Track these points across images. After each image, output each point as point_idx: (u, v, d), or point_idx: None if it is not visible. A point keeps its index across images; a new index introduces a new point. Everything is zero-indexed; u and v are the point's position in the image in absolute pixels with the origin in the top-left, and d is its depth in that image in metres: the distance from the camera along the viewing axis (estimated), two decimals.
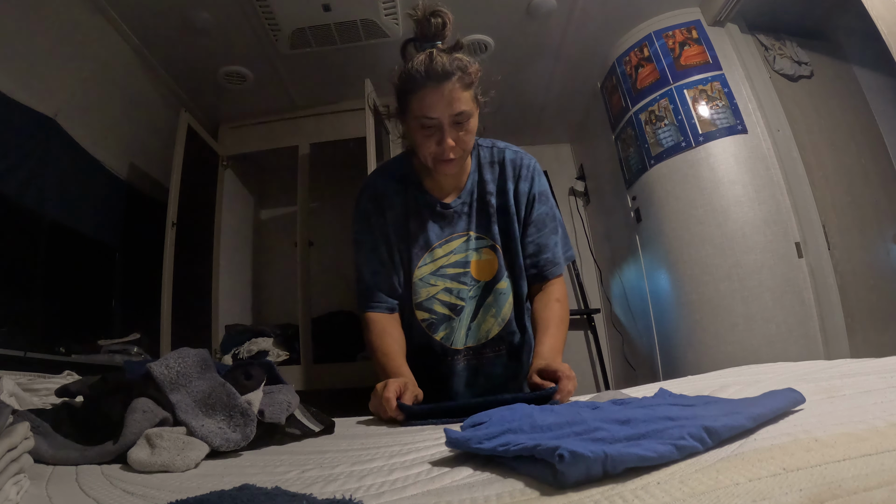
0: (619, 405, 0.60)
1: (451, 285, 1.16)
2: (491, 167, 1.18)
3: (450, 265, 1.16)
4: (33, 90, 2.05)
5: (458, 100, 0.99)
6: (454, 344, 1.18)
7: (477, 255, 1.17)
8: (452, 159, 1.04)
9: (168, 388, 0.70)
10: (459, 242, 1.16)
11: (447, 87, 0.98)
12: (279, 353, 2.88)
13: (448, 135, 1.01)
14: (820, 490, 0.32)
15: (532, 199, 1.17)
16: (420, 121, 1.01)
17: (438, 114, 0.99)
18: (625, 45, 2.77)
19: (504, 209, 1.16)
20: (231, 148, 3.26)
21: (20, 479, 0.51)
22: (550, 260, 1.18)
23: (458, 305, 1.16)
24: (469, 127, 1.03)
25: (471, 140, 1.06)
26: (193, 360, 0.74)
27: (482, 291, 1.18)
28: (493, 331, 1.19)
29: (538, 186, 1.18)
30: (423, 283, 1.16)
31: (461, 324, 1.17)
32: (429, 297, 1.16)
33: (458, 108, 0.99)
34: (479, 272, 1.17)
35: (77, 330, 2.22)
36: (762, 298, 2.18)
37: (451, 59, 0.99)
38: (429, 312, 1.17)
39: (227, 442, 0.66)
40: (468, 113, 1.01)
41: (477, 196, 1.17)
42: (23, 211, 1.99)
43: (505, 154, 1.18)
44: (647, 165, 2.62)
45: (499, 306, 1.18)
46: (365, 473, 0.51)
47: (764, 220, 2.25)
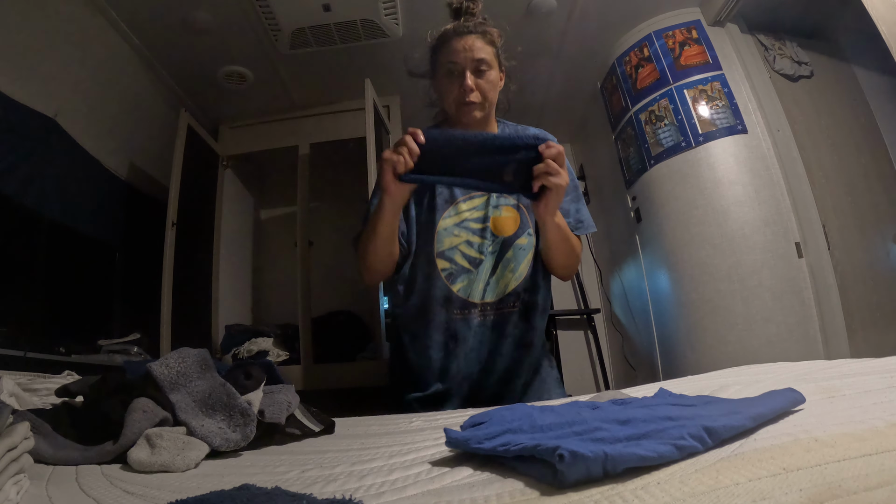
0: (619, 405, 0.60)
1: (472, 238, 1.20)
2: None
3: (473, 219, 1.21)
4: (33, 90, 2.05)
5: (479, 49, 1.15)
6: (472, 297, 1.19)
7: (498, 212, 1.21)
8: (474, 103, 1.15)
9: (168, 387, 0.70)
10: (481, 200, 1.22)
11: (470, 38, 1.16)
12: (279, 353, 2.88)
13: (470, 79, 1.14)
14: (820, 490, 0.32)
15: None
16: (446, 67, 1.16)
17: (460, 58, 1.14)
18: (625, 44, 2.77)
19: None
20: (231, 148, 3.26)
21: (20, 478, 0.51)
22: (577, 221, 1.24)
23: (478, 259, 1.20)
24: (489, 77, 1.16)
25: (491, 91, 1.17)
26: (193, 360, 0.74)
27: (501, 247, 1.21)
28: (511, 286, 1.21)
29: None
30: (447, 232, 1.20)
31: (479, 277, 1.19)
32: (452, 246, 1.20)
33: (479, 55, 1.14)
34: (499, 228, 1.21)
35: (77, 330, 2.22)
36: (762, 298, 2.18)
37: (476, 24, 1.18)
38: (450, 262, 1.20)
39: (227, 442, 0.66)
40: (488, 62, 1.15)
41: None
42: (23, 211, 1.99)
43: (529, 130, 1.29)
44: (647, 165, 2.62)
45: (517, 262, 1.21)
46: (365, 473, 0.51)
47: (764, 220, 2.25)
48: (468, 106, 1.15)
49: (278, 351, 2.88)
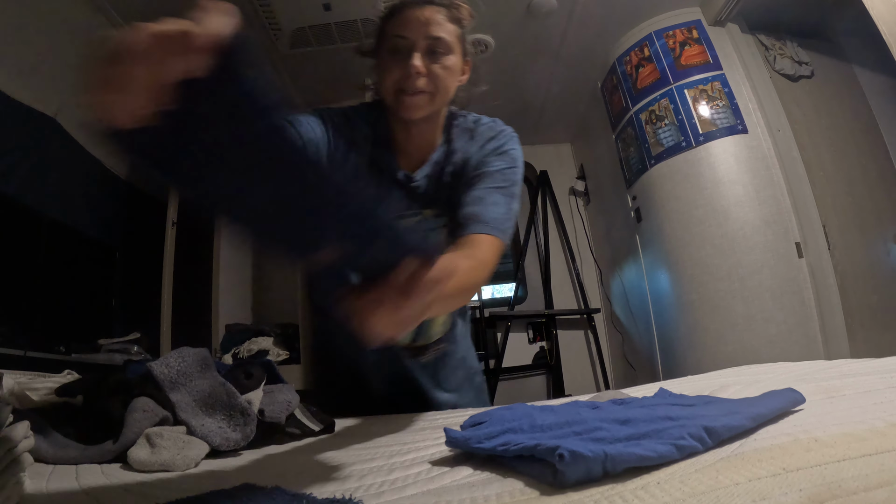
0: (619, 405, 0.60)
1: None
2: (463, 135, 0.98)
3: None
4: (34, 89, 2.05)
5: (438, 24, 0.86)
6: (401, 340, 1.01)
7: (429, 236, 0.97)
8: (418, 91, 0.85)
9: (168, 387, 0.70)
10: (413, 222, 0.97)
11: (428, 10, 0.86)
12: (279, 353, 2.87)
13: (417, 57, 0.84)
14: (820, 490, 0.32)
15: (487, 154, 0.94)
16: (392, 41, 0.87)
17: (412, 32, 0.85)
18: (625, 44, 2.77)
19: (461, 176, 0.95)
20: None
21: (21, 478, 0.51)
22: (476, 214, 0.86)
23: None
24: (447, 63, 0.87)
25: (446, 79, 0.88)
26: (193, 359, 0.74)
27: None
28: (447, 324, 1.05)
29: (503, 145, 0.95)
30: None
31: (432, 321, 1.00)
32: None
33: (437, 32, 0.85)
34: None
35: (77, 329, 2.21)
36: (762, 298, 2.18)
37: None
38: None
39: (227, 441, 0.66)
40: (447, 43, 0.86)
41: (442, 170, 0.97)
42: (23, 210, 1.99)
43: (481, 121, 1.00)
44: (648, 165, 2.62)
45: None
46: (365, 473, 0.51)
47: (764, 220, 2.25)
48: (411, 97, 0.86)
49: (278, 350, 2.88)
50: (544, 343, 3.57)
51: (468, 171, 0.94)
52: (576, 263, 3.66)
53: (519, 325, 3.57)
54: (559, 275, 3.72)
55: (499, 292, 3.86)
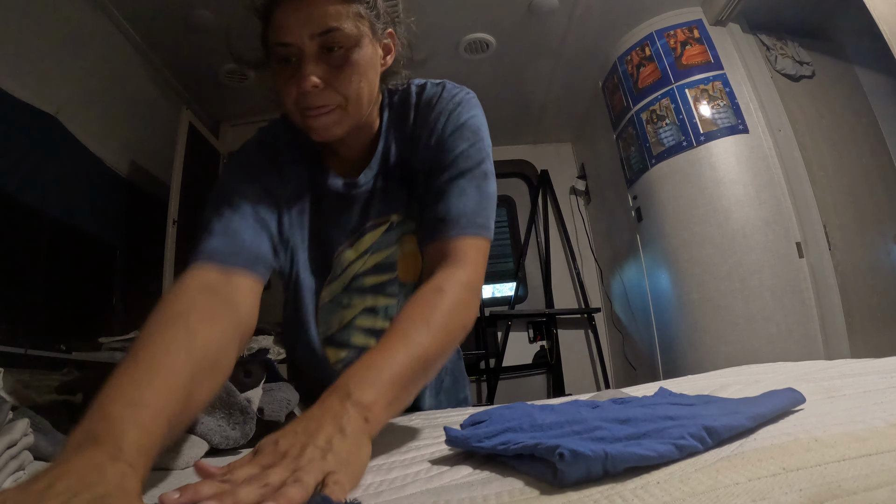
0: (619, 404, 0.60)
1: (372, 303, 0.82)
2: (403, 112, 0.80)
3: (368, 271, 0.81)
4: (34, 88, 2.05)
5: (325, 14, 0.65)
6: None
7: (400, 249, 0.82)
8: (321, 109, 0.69)
9: None
10: (379, 234, 0.80)
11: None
12: (279, 351, 2.87)
13: (311, 66, 0.66)
14: (820, 490, 0.32)
15: (446, 136, 0.76)
16: (277, 51, 0.68)
17: (295, 36, 0.66)
18: (626, 44, 2.76)
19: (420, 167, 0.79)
20: (232, 146, 3.25)
21: (20, 475, 0.51)
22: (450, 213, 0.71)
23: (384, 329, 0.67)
24: (352, 59, 0.68)
25: (358, 79, 0.69)
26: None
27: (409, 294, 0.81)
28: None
29: (458, 119, 0.77)
30: (334, 306, 0.82)
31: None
32: (342, 326, 0.82)
33: (326, 23, 0.65)
34: (406, 272, 0.82)
35: (78, 327, 2.22)
36: (763, 298, 2.18)
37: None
38: (345, 348, 0.83)
39: (226, 440, 0.66)
40: (344, 34, 0.66)
41: (395, 163, 0.80)
42: (24, 208, 1.99)
43: (424, 90, 0.80)
44: (649, 165, 2.62)
45: None
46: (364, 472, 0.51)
47: (765, 220, 2.25)
48: (315, 114, 0.69)
49: (278, 349, 2.88)
50: (544, 342, 3.57)
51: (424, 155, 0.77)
52: (576, 263, 3.66)
53: (519, 324, 3.57)
54: (559, 274, 3.72)
55: (499, 291, 3.86)
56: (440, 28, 2.57)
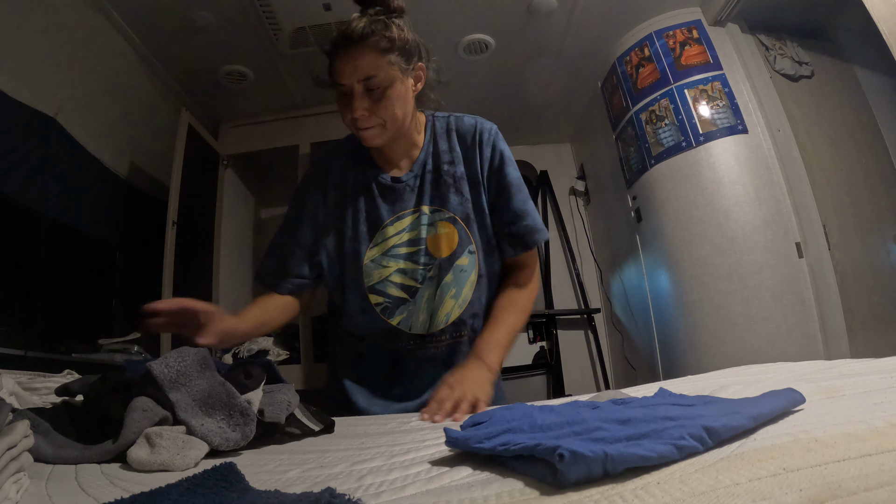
0: (619, 405, 0.60)
1: (404, 266, 1.07)
2: (446, 136, 1.12)
3: (402, 244, 1.08)
4: (33, 89, 2.05)
5: (367, 65, 0.95)
6: (413, 328, 1.08)
7: (433, 231, 1.07)
8: (370, 128, 1.00)
9: (168, 387, 0.70)
10: (411, 220, 1.08)
11: (355, 51, 0.95)
12: (279, 352, 2.88)
13: (358, 102, 0.97)
14: (820, 490, 0.32)
15: (501, 163, 1.09)
16: (335, 87, 1.01)
17: (345, 80, 0.97)
18: (625, 44, 2.76)
19: (466, 180, 1.10)
20: (231, 147, 3.25)
21: (20, 477, 0.51)
22: (531, 227, 1.08)
23: (414, 287, 1.07)
24: (388, 94, 0.98)
25: (391, 109, 0.99)
26: (193, 359, 0.74)
27: (440, 269, 1.07)
28: (454, 314, 1.08)
29: (503, 151, 1.10)
30: (375, 264, 1.08)
31: (419, 307, 1.07)
32: (381, 279, 1.08)
33: (367, 72, 0.95)
34: (436, 248, 1.08)
35: (77, 329, 2.22)
36: (762, 298, 2.18)
37: (370, 21, 0.95)
38: (382, 296, 1.08)
39: (227, 441, 0.66)
40: (381, 79, 0.96)
41: (431, 168, 1.10)
42: (23, 210, 1.99)
43: (463, 120, 1.13)
44: (648, 165, 2.62)
45: (459, 286, 1.08)
46: (364, 473, 0.51)
47: (764, 220, 2.25)
48: (366, 132, 1.01)
49: (278, 350, 2.88)
50: (544, 343, 3.57)
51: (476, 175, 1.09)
52: (576, 263, 3.66)
53: None
54: (559, 275, 3.72)
55: None
56: (439, 29, 2.58)
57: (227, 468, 0.46)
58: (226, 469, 0.46)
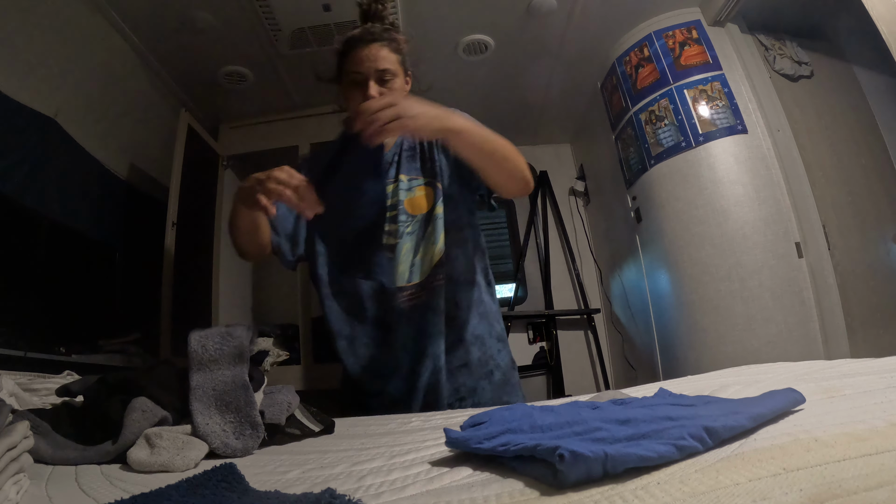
0: (619, 405, 0.60)
1: (389, 227, 1.22)
2: None
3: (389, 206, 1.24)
4: (33, 90, 2.05)
5: (383, 58, 1.16)
6: (397, 282, 1.19)
7: (410, 195, 1.24)
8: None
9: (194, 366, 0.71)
10: (391, 188, 1.24)
11: (374, 47, 1.16)
12: (279, 353, 2.87)
13: (373, 89, 1.15)
14: (820, 490, 0.32)
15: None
16: (350, 76, 1.17)
17: (364, 67, 1.15)
18: (625, 45, 2.77)
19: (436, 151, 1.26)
20: (231, 148, 3.25)
21: (20, 478, 0.51)
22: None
23: (393, 244, 1.21)
24: (394, 85, 1.18)
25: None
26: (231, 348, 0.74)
27: (420, 225, 1.22)
28: (435, 258, 1.20)
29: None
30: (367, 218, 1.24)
31: (398, 260, 1.20)
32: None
33: (383, 65, 1.16)
34: (413, 207, 1.23)
35: (77, 330, 2.21)
36: (762, 298, 2.18)
37: (383, 29, 1.20)
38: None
39: (226, 447, 0.66)
40: (392, 71, 1.17)
41: (407, 147, 1.27)
42: (23, 211, 1.99)
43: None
44: (648, 165, 2.62)
45: (437, 233, 1.21)
46: (364, 473, 0.51)
47: (764, 220, 2.25)
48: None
49: (278, 351, 2.88)
50: (544, 343, 3.57)
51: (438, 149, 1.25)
52: (576, 264, 3.66)
53: (519, 325, 3.57)
54: (559, 275, 3.72)
55: (498, 293, 3.86)
56: (439, 29, 2.58)
57: (227, 469, 0.46)
58: (226, 470, 0.46)
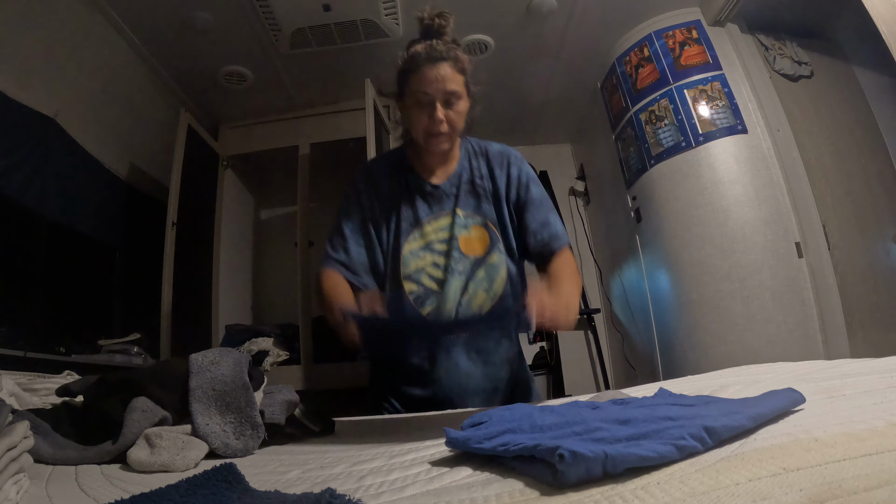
0: (619, 405, 0.60)
1: (438, 259, 1.20)
2: (477, 157, 1.28)
3: (438, 241, 1.21)
4: (33, 90, 2.05)
5: (450, 79, 1.11)
6: (441, 317, 1.20)
7: (466, 232, 1.22)
8: (442, 133, 1.13)
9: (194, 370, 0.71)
10: (447, 221, 1.22)
11: (442, 67, 1.11)
12: (279, 353, 2.87)
13: (440, 111, 1.12)
14: (820, 490, 0.32)
15: (526, 182, 1.24)
16: (416, 96, 1.13)
17: (432, 89, 1.11)
18: (625, 44, 2.77)
19: (496, 194, 1.24)
20: (231, 148, 3.26)
21: (20, 478, 0.50)
22: (554, 234, 1.21)
23: (444, 279, 1.19)
24: (458, 108, 1.14)
25: (459, 121, 1.15)
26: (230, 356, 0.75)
27: (472, 266, 1.21)
28: (486, 306, 1.20)
29: (528, 172, 1.27)
30: (412, 255, 1.21)
31: (448, 297, 1.18)
32: (417, 269, 1.20)
33: (450, 86, 1.11)
34: (468, 247, 1.22)
35: (77, 330, 2.21)
36: (762, 298, 2.18)
37: (448, 48, 1.13)
38: (416, 284, 1.20)
39: (226, 447, 0.66)
40: (458, 93, 1.13)
41: (465, 180, 1.25)
42: (23, 211, 1.99)
43: (490, 146, 1.29)
44: (648, 165, 2.62)
45: (490, 280, 1.20)
46: (364, 473, 0.51)
47: (764, 220, 2.25)
48: (437, 137, 1.14)
49: (278, 351, 2.88)
50: (544, 343, 3.57)
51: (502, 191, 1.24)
52: None
53: None
54: None
55: None
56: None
57: (227, 469, 0.46)
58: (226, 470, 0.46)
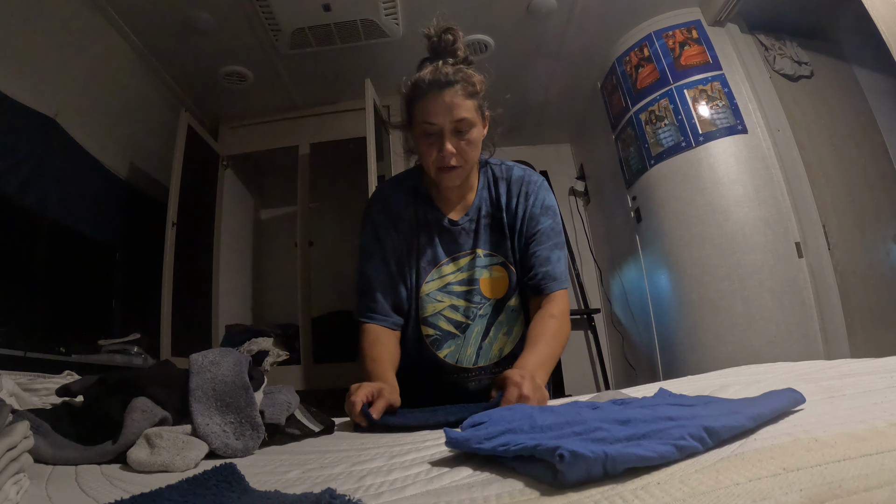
0: (619, 405, 0.60)
1: (458, 302, 1.14)
2: (497, 184, 1.17)
3: (457, 282, 1.14)
4: (33, 90, 2.05)
5: (458, 107, 1.00)
6: (461, 362, 1.15)
7: (487, 273, 1.14)
8: (453, 167, 1.04)
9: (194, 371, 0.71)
10: (467, 260, 1.14)
11: (448, 94, 1.00)
12: (279, 353, 2.87)
13: (448, 141, 1.02)
14: (820, 490, 0.32)
15: (539, 212, 1.15)
16: (422, 127, 1.03)
17: (439, 120, 1.01)
18: (625, 45, 2.77)
19: (512, 226, 1.15)
20: (231, 148, 3.26)
21: (20, 478, 0.51)
22: (549, 274, 1.11)
23: (465, 324, 1.14)
24: (471, 137, 1.04)
25: (473, 151, 1.05)
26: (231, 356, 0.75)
27: (493, 310, 1.15)
28: (507, 349, 1.17)
29: (543, 200, 1.16)
30: (430, 298, 1.14)
31: (468, 342, 1.14)
32: (434, 312, 1.14)
33: (459, 114, 1.01)
34: (490, 290, 1.15)
35: (77, 330, 2.21)
36: (762, 298, 2.18)
37: (456, 70, 1.02)
38: (433, 328, 1.15)
39: (227, 447, 0.66)
40: (469, 121, 1.02)
41: (485, 213, 1.16)
42: (23, 211, 1.99)
43: (513, 171, 1.18)
44: (648, 165, 2.62)
45: (511, 324, 1.16)
46: (364, 473, 0.51)
47: (764, 220, 2.25)
48: (448, 172, 1.05)
49: (278, 351, 2.88)
50: None
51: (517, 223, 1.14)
52: (576, 263, 3.66)
53: None
54: None
55: None
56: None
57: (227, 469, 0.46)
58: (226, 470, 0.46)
